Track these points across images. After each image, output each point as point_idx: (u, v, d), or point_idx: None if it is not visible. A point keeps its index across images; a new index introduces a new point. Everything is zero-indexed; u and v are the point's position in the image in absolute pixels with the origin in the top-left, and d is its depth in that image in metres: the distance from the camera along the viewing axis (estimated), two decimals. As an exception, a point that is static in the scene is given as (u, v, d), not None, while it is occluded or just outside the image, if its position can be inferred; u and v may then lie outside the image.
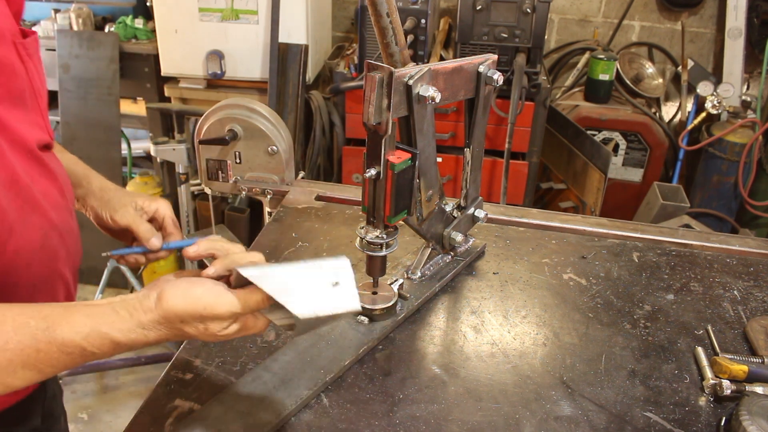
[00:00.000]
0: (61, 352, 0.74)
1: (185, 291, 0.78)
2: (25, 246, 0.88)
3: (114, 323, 0.76)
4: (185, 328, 0.79)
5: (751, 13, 3.25)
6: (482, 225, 1.37)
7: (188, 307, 0.77)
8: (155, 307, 0.77)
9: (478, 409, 0.96)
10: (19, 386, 0.75)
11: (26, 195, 0.88)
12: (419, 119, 1.02)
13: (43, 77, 0.98)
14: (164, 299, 0.77)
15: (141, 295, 0.79)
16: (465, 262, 1.31)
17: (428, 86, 1.00)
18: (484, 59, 1.13)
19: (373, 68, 0.94)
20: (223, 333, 0.81)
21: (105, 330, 0.76)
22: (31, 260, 0.89)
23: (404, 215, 1.09)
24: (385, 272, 1.12)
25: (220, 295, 0.79)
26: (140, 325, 0.77)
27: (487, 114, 1.21)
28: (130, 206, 1.09)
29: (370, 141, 0.99)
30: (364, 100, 0.95)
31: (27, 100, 0.92)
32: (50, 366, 0.75)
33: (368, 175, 1.00)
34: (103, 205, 1.10)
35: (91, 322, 0.76)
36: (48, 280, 0.95)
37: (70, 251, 1.00)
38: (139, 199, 1.11)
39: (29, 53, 0.91)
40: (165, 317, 0.77)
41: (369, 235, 1.07)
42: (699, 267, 1.37)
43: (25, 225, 0.87)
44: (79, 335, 0.74)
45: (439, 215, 1.21)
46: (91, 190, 1.12)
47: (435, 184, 1.14)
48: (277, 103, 2.96)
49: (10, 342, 0.71)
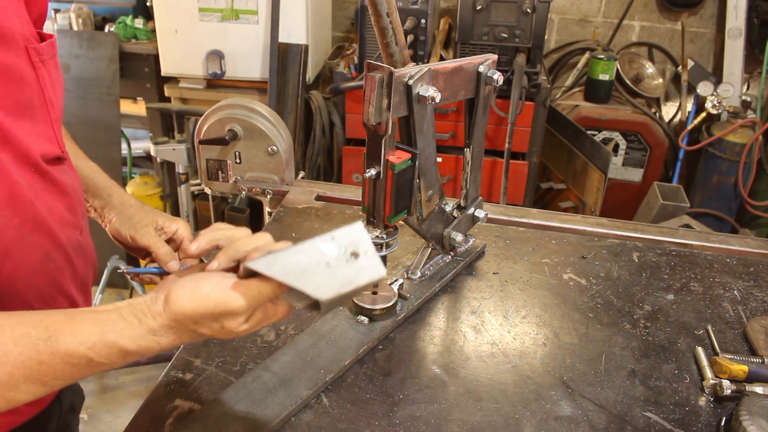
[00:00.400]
0: (65, 363, 0.69)
1: (192, 290, 0.73)
2: (23, 268, 0.83)
3: (122, 330, 0.71)
4: (199, 329, 0.73)
5: (751, 13, 3.25)
6: (482, 225, 1.37)
7: (198, 308, 0.72)
8: (164, 310, 0.72)
9: (478, 409, 0.96)
10: (23, 400, 0.70)
11: (27, 212, 0.83)
12: (419, 119, 1.02)
13: (58, 84, 0.92)
14: (171, 301, 0.72)
15: (149, 299, 0.74)
16: (465, 262, 1.31)
17: (428, 86, 1.00)
18: (484, 59, 1.13)
19: (373, 68, 0.94)
20: (243, 328, 0.74)
21: (113, 338, 0.70)
22: (29, 282, 0.85)
23: (404, 215, 1.09)
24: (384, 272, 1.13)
25: (231, 290, 0.72)
26: (150, 332, 0.72)
27: (487, 114, 1.21)
28: (150, 226, 1.05)
29: (370, 141, 0.99)
30: (364, 100, 0.95)
31: (36, 109, 0.86)
32: (55, 378, 0.70)
33: (368, 175, 1.00)
34: (124, 221, 1.07)
35: (98, 330, 0.70)
36: (49, 302, 0.90)
37: (79, 269, 0.96)
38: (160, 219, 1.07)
39: (42, 59, 0.86)
40: (175, 320, 0.72)
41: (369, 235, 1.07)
42: (699, 267, 1.37)
43: (24, 245, 0.83)
44: (84, 345, 0.69)
45: (439, 215, 1.21)
46: (111, 203, 1.09)
47: (435, 184, 1.14)
48: (277, 103, 2.96)
49: (10, 354, 0.67)
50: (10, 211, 0.80)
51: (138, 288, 2.97)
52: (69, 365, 0.69)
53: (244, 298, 0.72)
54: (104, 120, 3.11)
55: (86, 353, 0.69)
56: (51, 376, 0.69)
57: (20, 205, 0.82)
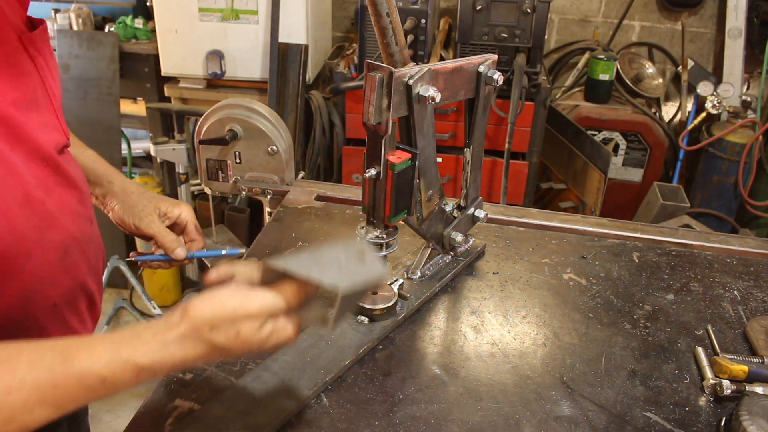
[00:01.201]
0: (80, 384, 0.69)
1: (211, 297, 0.74)
2: (45, 266, 0.83)
3: (136, 346, 0.71)
4: (215, 336, 0.73)
5: (751, 13, 3.25)
6: (482, 225, 1.37)
7: (217, 311, 0.73)
8: (181, 320, 0.73)
9: (478, 409, 0.96)
10: (35, 425, 0.69)
11: (42, 211, 0.83)
12: (419, 119, 1.02)
13: (54, 71, 0.91)
14: (190, 309, 0.73)
15: (165, 315, 0.75)
16: (465, 262, 1.31)
17: (428, 86, 1.00)
18: (484, 59, 1.13)
19: (373, 68, 0.94)
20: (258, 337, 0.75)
21: (126, 355, 0.70)
22: (53, 280, 0.85)
23: (404, 215, 1.09)
24: None
25: (250, 293, 0.74)
26: (164, 344, 0.72)
27: (487, 114, 1.21)
28: (154, 213, 1.06)
29: (370, 141, 0.99)
30: (364, 100, 0.95)
31: (40, 99, 0.85)
32: (69, 401, 0.70)
33: (368, 175, 1.01)
34: (127, 210, 1.07)
35: (112, 347, 0.71)
36: (70, 297, 0.90)
37: (92, 261, 0.96)
38: (162, 204, 1.08)
39: (38, 48, 0.85)
40: (193, 327, 0.72)
41: (369, 235, 1.07)
42: (699, 267, 1.37)
43: (44, 244, 0.83)
44: (98, 363, 0.69)
45: (439, 215, 1.21)
46: (113, 191, 1.09)
47: (435, 184, 1.14)
48: (277, 103, 2.96)
49: (26, 380, 0.67)
50: (27, 211, 0.80)
51: (137, 287, 2.97)
52: (83, 387, 0.70)
53: (262, 301, 0.74)
54: (104, 120, 3.11)
55: (100, 371, 0.69)
56: (65, 399, 0.70)
57: (36, 204, 0.82)
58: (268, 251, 1.34)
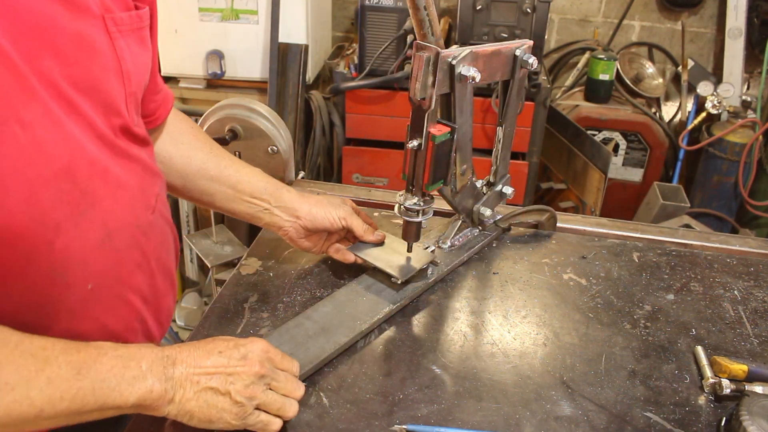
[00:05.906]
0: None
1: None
2: (78, 245, 0.80)
3: None
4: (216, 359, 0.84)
5: (751, 13, 3.25)
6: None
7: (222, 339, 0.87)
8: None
9: (478, 409, 0.96)
10: None
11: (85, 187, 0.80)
12: (460, 97, 1.10)
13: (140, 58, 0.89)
14: None
15: None
16: (492, 236, 1.39)
17: (469, 66, 1.06)
18: (521, 44, 1.20)
19: (421, 48, 1.02)
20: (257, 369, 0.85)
21: None
22: (86, 259, 0.82)
23: (440, 184, 1.16)
24: (419, 238, 1.20)
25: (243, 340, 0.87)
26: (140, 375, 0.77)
27: (521, 96, 1.31)
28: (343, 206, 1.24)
29: (414, 115, 1.07)
30: (411, 77, 1.04)
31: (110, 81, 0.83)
32: None
33: (411, 146, 1.08)
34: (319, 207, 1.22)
35: None
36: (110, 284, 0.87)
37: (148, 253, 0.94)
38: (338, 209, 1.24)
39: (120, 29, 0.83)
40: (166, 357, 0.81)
41: (408, 201, 1.15)
42: (699, 267, 1.37)
43: (79, 221, 0.80)
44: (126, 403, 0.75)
45: (470, 190, 1.29)
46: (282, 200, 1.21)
47: (469, 160, 1.23)
48: (277, 103, 2.96)
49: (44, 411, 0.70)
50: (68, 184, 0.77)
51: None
52: None
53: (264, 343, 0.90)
54: (104, 120, 3.11)
55: None
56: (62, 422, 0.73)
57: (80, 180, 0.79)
58: (267, 251, 1.34)
